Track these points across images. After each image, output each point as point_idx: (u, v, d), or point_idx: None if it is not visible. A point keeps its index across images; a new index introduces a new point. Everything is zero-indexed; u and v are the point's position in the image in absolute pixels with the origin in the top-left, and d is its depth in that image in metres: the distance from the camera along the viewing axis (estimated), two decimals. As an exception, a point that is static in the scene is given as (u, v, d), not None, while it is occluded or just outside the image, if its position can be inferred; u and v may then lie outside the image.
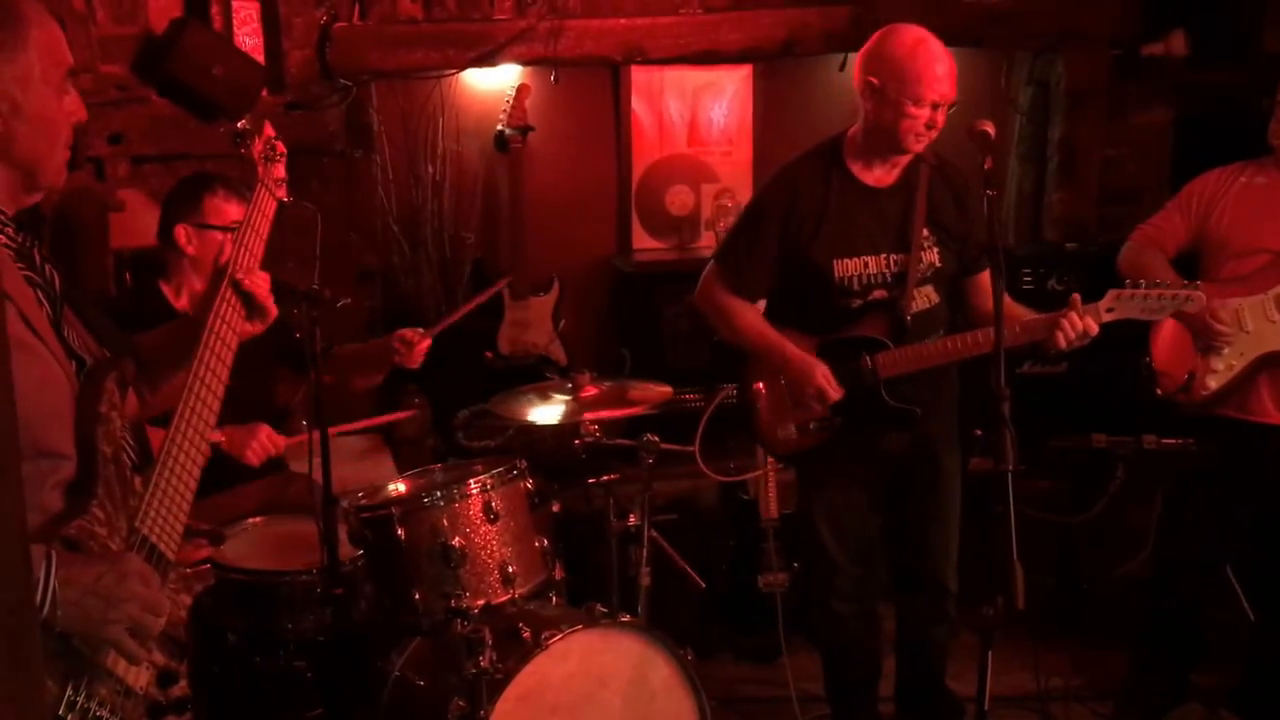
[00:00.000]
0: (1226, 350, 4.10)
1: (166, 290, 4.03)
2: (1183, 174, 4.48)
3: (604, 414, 4.03)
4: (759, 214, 3.92)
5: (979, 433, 3.93)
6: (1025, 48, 6.13)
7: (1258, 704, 4.40)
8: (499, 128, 5.73)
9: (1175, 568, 4.47)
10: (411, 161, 5.74)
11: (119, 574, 2.06)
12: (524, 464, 3.69)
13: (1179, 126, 6.04)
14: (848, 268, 3.81)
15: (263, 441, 3.83)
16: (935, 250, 3.84)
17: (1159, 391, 4.29)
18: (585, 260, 6.12)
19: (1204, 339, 4.12)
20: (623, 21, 5.51)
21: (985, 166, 3.34)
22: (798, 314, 3.93)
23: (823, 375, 3.78)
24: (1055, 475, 5.20)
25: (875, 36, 3.78)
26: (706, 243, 6.18)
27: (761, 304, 3.99)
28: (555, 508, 3.82)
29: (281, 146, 2.77)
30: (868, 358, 3.80)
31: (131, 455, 2.28)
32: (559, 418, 4.03)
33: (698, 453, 4.54)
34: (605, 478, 4.12)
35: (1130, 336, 4.24)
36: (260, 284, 2.55)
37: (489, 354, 5.74)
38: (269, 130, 2.77)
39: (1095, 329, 3.66)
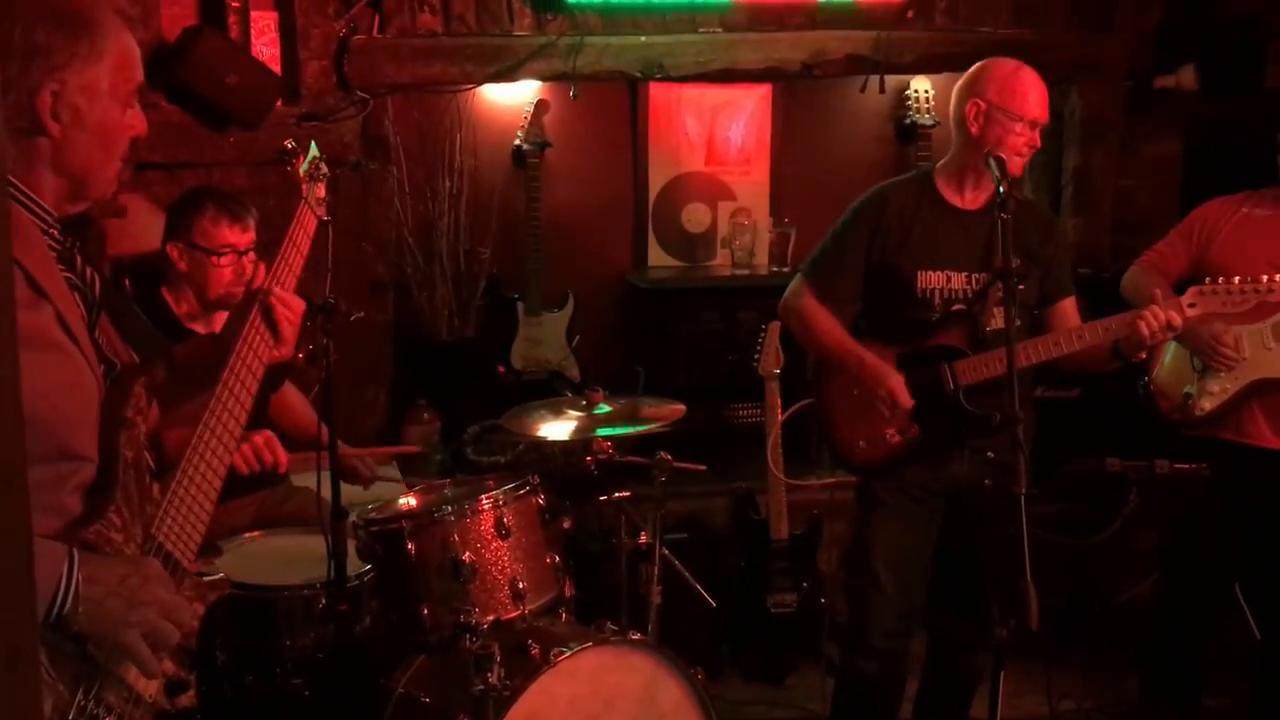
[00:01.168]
0: (1223, 373, 4.16)
1: (168, 297, 4.02)
2: (1191, 204, 4.56)
3: (616, 432, 4.03)
4: (850, 226, 4.01)
5: (991, 455, 3.91)
6: (1041, 79, 6.13)
7: None
8: (516, 143, 5.74)
9: (1180, 592, 4.47)
10: (428, 175, 5.73)
11: (143, 576, 2.07)
12: (536, 480, 3.67)
13: (1189, 157, 6.10)
14: (930, 280, 3.88)
15: (258, 445, 3.52)
16: (1016, 275, 3.82)
17: (1163, 410, 4.33)
18: (600, 276, 6.11)
19: (1205, 360, 4.18)
20: (643, 39, 5.51)
21: (1000, 191, 3.39)
22: (879, 326, 3.99)
23: (896, 381, 3.82)
24: (1068, 498, 5.21)
25: (974, 68, 3.91)
26: (722, 261, 6.17)
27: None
28: (566, 524, 3.80)
29: (326, 167, 2.79)
30: (946, 366, 3.84)
31: (151, 462, 2.27)
32: (571, 434, 4.02)
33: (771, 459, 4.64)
34: (617, 495, 4.10)
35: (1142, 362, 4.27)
36: (290, 312, 2.53)
37: (501, 369, 5.74)
38: (315, 150, 2.78)
39: (1179, 321, 3.67)
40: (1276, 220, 4.22)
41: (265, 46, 5.10)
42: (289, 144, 2.76)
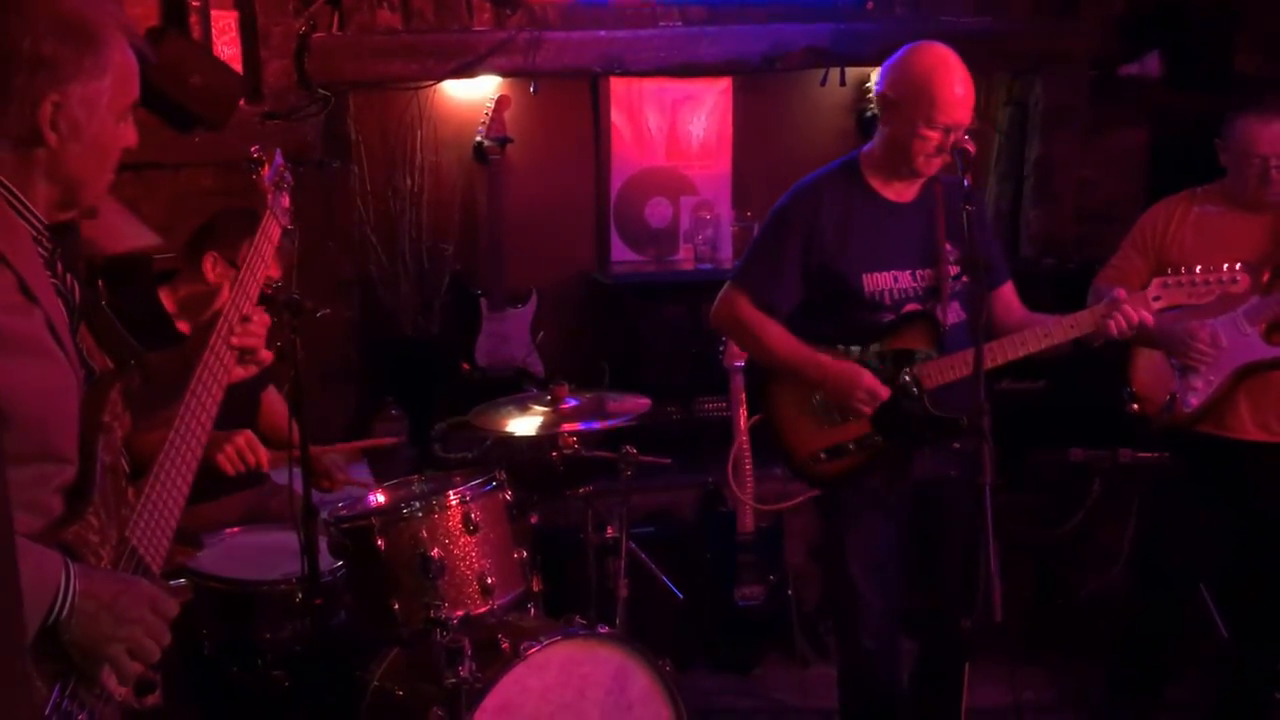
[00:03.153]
0: (1204, 367, 4.13)
1: (165, 297, 3.96)
2: (1156, 193, 4.52)
3: (582, 426, 4.04)
4: (780, 227, 3.83)
5: (957, 446, 3.93)
6: (1005, 68, 6.18)
7: None
8: (477, 139, 5.73)
9: (1152, 583, 4.50)
10: (390, 172, 5.74)
11: (133, 596, 2.12)
12: (503, 475, 3.69)
13: (1154, 147, 6.11)
14: (878, 281, 3.73)
15: (240, 446, 3.58)
16: (956, 266, 3.79)
17: (1148, 413, 4.33)
18: (563, 272, 6.12)
19: (1182, 359, 4.15)
20: (602, 33, 5.52)
21: (964, 183, 3.37)
22: (826, 329, 3.80)
23: (869, 377, 3.66)
24: (1033, 489, 5.23)
25: (901, 50, 3.73)
26: (685, 255, 6.19)
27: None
28: (534, 519, 3.82)
29: (291, 176, 2.78)
30: (908, 369, 3.70)
31: (127, 466, 2.31)
32: (537, 430, 4.03)
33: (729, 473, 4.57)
34: (583, 490, 4.12)
35: (1106, 350, 4.29)
36: (252, 337, 2.53)
37: (466, 366, 5.74)
38: (280, 159, 2.77)
39: (1151, 320, 3.64)
40: (1230, 216, 4.23)
41: (226, 46, 5.08)
42: (254, 152, 2.75)
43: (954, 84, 3.59)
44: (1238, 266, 3.69)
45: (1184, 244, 4.24)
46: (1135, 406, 4.38)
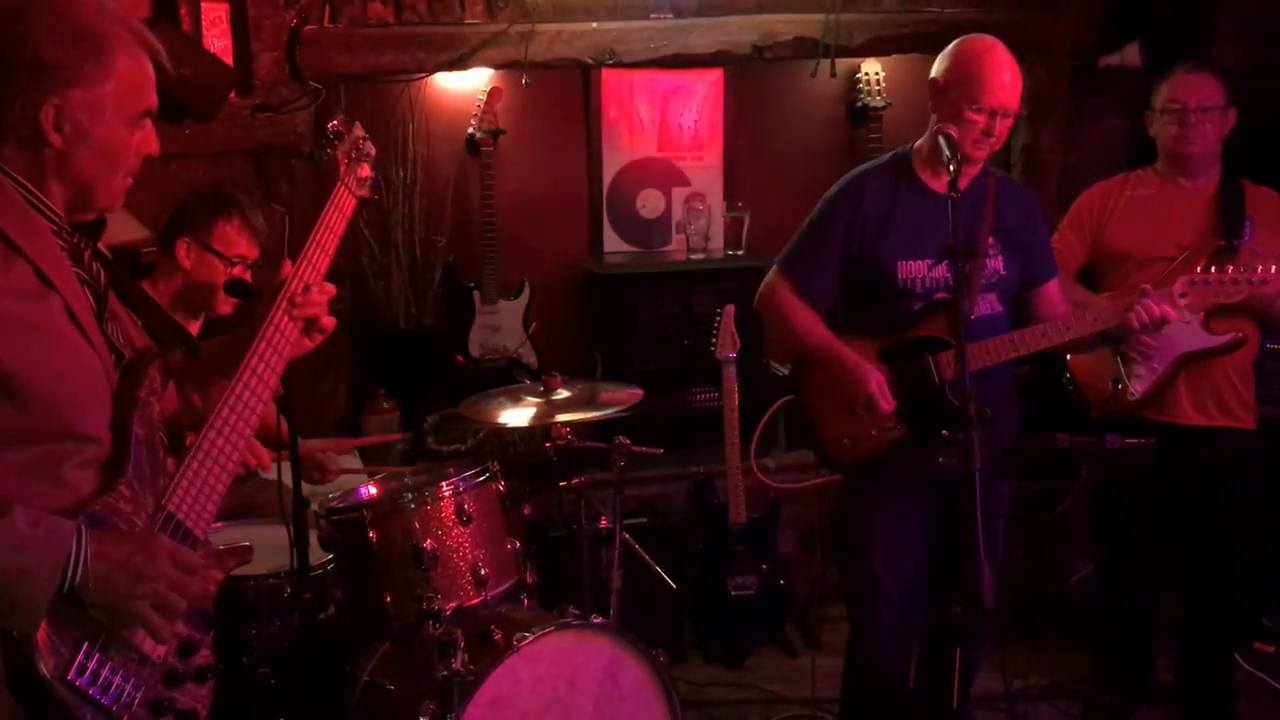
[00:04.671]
0: (1146, 356, 4.20)
1: (151, 293, 3.90)
2: None
3: (575, 417, 4.05)
4: (825, 217, 3.87)
5: (945, 433, 3.93)
6: (1014, 63, 6.18)
7: (1193, 701, 4.52)
8: (470, 131, 5.73)
9: (1118, 575, 4.55)
10: (381, 164, 5.72)
11: (149, 552, 2.18)
12: (496, 466, 3.69)
13: (1134, 134, 6.12)
14: (911, 269, 3.76)
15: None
16: (1000, 258, 3.81)
17: (1092, 401, 4.37)
18: (556, 263, 6.12)
19: (1126, 348, 4.20)
20: (593, 25, 5.51)
21: (949, 170, 3.38)
22: (861, 319, 3.88)
23: (876, 384, 3.70)
24: (1021, 476, 5.24)
25: (951, 44, 3.81)
26: (677, 246, 6.19)
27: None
28: (527, 510, 3.83)
29: (370, 146, 2.79)
30: (930, 358, 3.74)
31: (165, 438, 2.40)
32: (530, 421, 4.04)
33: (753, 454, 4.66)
34: (576, 480, 4.13)
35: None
36: (313, 306, 2.56)
37: (459, 357, 5.75)
38: (359, 131, 2.78)
39: (1174, 314, 3.68)
40: (1163, 196, 4.33)
41: (217, 38, 5.07)
42: (333, 126, 2.76)
43: (1000, 68, 3.67)
44: (1273, 269, 3.71)
45: (1120, 227, 4.33)
46: (1068, 389, 4.45)
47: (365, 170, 2.77)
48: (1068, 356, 4.42)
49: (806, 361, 3.96)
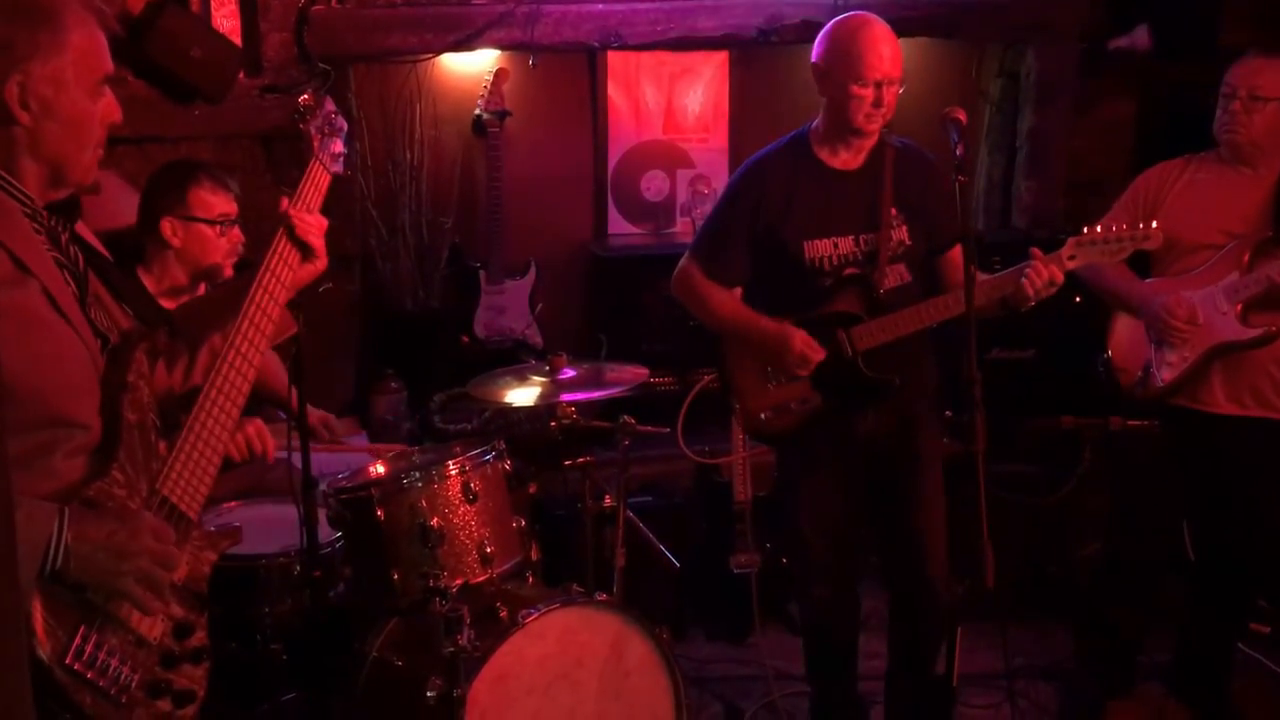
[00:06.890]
0: (1179, 343, 4.15)
1: (145, 279, 3.92)
2: (1143, 165, 4.51)
3: (580, 396, 4.07)
4: (730, 202, 3.97)
5: (949, 414, 3.97)
6: (996, 40, 6.20)
7: (1192, 681, 4.51)
8: (476, 112, 5.76)
9: (1129, 552, 4.55)
10: (389, 146, 5.76)
11: (131, 530, 2.19)
12: (502, 445, 3.72)
13: (1142, 118, 6.13)
14: (818, 248, 3.84)
15: (249, 435, 3.69)
16: (904, 229, 3.88)
17: (1121, 385, 4.35)
18: (562, 245, 6.15)
19: (1158, 333, 4.17)
20: (600, 7, 5.54)
21: (957, 153, 3.39)
22: (772, 298, 3.95)
23: (801, 340, 3.78)
24: (1024, 458, 5.26)
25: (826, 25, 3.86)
26: (682, 228, 6.22)
27: (738, 292, 4.00)
28: (532, 489, 3.86)
29: (342, 121, 2.80)
30: (842, 332, 3.82)
31: (157, 421, 2.39)
32: (535, 400, 4.06)
33: (680, 436, 4.61)
34: (581, 460, 4.15)
35: (1099, 319, 4.36)
36: (315, 226, 2.63)
37: (465, 338, 5.77)
38: (329, 105, 2.79)
39: (1060, 277, 3.69)
40: (1220, 183, 4.20)
41: (226, 19, 5.11)
42: (303, 101, 2.76)
43: (878, 41, 3.71)
44: (1154, 225, 3.74)
45: (1175, 210, 4.20)
46: (1100, 370, 4.41)
47: (338, 146, 2.77)
48: (1109, 336, 4.40)
49: (725, 339, 4.04)
